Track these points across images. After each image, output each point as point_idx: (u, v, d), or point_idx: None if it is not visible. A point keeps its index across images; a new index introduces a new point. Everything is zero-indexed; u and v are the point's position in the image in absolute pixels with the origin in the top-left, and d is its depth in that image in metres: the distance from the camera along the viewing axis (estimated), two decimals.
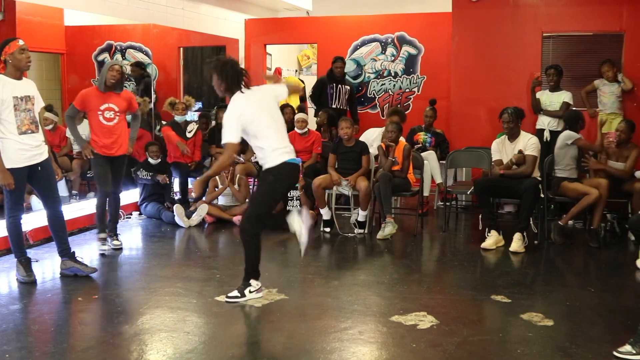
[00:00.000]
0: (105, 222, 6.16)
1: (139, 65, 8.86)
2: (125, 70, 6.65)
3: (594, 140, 7.19)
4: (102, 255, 5.99)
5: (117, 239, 6.21)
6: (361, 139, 7.48)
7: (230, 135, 4.49)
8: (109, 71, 5.89)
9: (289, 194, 7.22)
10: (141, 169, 7.52)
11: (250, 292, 4.67)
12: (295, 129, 7.90)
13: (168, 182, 7.57)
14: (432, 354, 3.80)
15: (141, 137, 7.89)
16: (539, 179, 6.43)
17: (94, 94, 5.95)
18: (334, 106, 8.70)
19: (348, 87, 8.90)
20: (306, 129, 7.94)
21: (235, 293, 4.67)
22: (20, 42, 4.87)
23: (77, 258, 5.33)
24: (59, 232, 5.26)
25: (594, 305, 4.71)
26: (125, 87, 6.54)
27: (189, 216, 7.19)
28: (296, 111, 8.51)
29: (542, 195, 6.47)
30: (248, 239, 4.66)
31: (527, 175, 6.29)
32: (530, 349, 3.84)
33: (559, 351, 3.83)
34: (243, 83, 4.57)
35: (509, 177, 6.36)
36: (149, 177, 7.48)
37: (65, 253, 5.26)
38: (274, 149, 4.55)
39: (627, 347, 3.67)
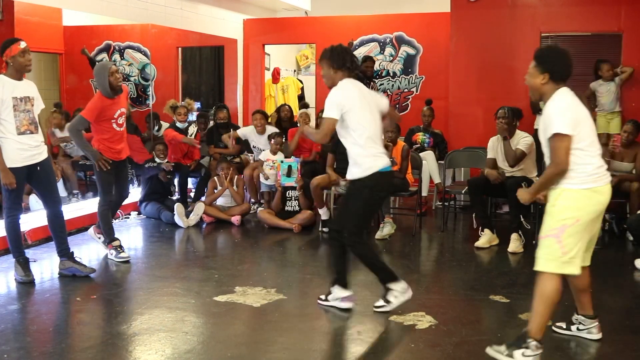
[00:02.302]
0: (113, 228, 5.91)
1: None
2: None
3: None
4: (127, 261, 5.69)
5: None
6: None
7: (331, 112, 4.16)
8: (110, 75, 5.48)
9: (287, 194, 7.23)
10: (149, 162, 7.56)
11: (395, 297, 4.37)
12: (299, 124, 7.88)
13: (169, 170, 7.52)
14: (430, 354, 3.80)
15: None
16: (537, 178, 6.43)
17: (107, 102, 5.52)
18: None
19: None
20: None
21: (381, 302, 4.41)
22: (22, 45, 4.84)
23: (76, 258, 5.33)
24: (58, 232, 5.26)
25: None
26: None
27: (186, 216, 7.19)
28: (295, 111, 8.50)
29: None
30: (361, 251, 4.38)
31: (513, 164, 6.29)
32: None
33: (557, 351, 3.84)
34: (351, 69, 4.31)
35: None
36: (155, 165, 7.51)
37: (64, 253, 5.26)
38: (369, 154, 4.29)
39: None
